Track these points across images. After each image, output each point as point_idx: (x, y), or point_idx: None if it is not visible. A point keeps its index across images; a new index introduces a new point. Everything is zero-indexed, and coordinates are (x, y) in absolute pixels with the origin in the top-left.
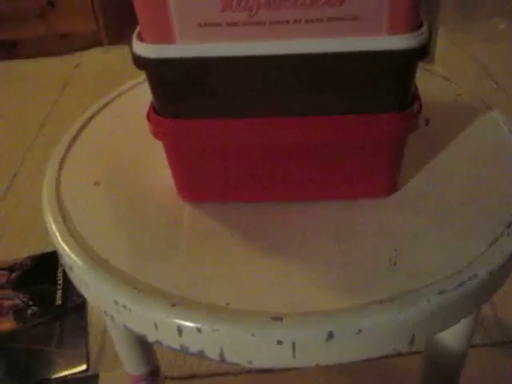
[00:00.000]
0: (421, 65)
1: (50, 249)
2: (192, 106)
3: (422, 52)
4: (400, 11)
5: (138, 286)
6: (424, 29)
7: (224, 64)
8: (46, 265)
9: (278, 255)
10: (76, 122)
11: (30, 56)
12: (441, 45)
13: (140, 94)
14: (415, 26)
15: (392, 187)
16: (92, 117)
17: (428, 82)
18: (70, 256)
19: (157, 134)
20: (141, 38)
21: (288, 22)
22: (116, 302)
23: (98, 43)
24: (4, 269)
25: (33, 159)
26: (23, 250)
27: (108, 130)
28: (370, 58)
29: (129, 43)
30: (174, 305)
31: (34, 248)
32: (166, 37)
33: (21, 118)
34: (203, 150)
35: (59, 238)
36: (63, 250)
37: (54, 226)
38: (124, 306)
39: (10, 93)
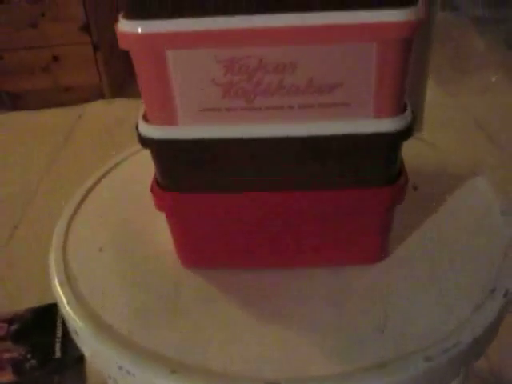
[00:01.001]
0: None
1: (49, 301)
2: (193, 182)
3: (407, 133)
4: (385, 98)
5: (140, 351)
6: (408, 112)
7: (223, 145)
8: (46, 317)
9: (274, 321)
10: (81, 187)
11: (33, 107)
12: (432, 96)
13: (143, 160)
14: (400, 110)
15: (382, 253)
16: (97, 182)
17: (416, 148)
18: (75, 321)
19: (159, 206)
20: (146, 119)
21: (282, 107)
22: (120, 368)
23: (100, 96)
24: (3, 321)
25: (34, 210)
26: (23, 302)
27: (112, 196)
28: (358, 139)
29: (130, 96)
30: (173, 372)
31: (34, 300)
32: (169, 119)
33: (23, 168)
34: (204, 221)
35: (65, 304)
36: (69, 315)
37: (60, 292)
38: (128, 372)
39: (13, 143)
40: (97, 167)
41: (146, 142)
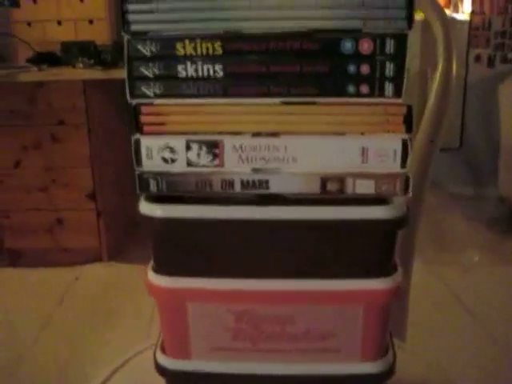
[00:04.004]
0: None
1: None
2: None
3: (389, 374)
4: (370, 345)
5: None
6: (389, 354)
7: (230, 379)
8: None
9: None
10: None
11: (32, 265)
12: (417, 275)
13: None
14: (382, 353)
15: None
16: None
17: (398, 357)
18: None
19: None
20: (163, 350)
21: (282, 350)
22: None
23: (97, 258)
24: None
25: (24, 373)
26: None
27: None
28: (347, 379)
29: (125, 260)
30: None
31: None
32: (183, 354)
33: (16, 328)
34: None
35: None
36: None
37: None
38: None
39: (7, 301)
40: (87, 336)
41: (161, 370)
